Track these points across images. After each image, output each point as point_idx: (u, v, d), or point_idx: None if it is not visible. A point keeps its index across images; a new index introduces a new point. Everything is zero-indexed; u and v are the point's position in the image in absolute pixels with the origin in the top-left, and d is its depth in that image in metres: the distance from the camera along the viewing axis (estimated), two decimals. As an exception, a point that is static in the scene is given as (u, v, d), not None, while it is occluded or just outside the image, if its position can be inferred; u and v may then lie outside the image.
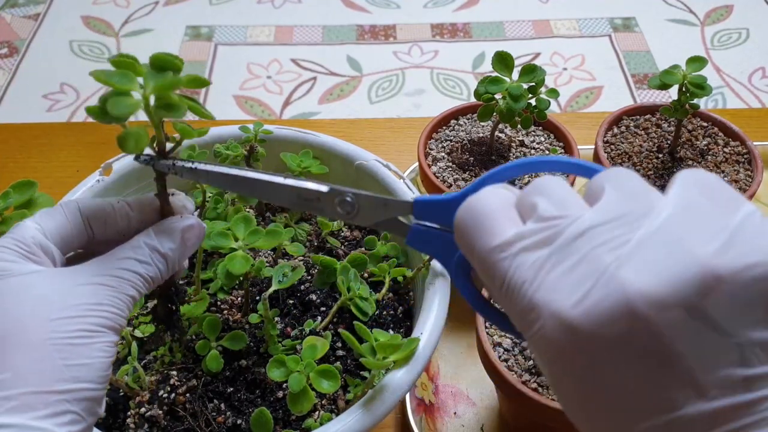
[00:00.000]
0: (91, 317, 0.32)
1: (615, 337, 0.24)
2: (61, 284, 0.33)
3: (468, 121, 0.72)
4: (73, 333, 0.31)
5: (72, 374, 0.31)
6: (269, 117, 1.17)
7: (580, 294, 0.25)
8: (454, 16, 1.40)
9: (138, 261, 0.35)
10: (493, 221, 0.29)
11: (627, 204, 0.26)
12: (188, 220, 0.38)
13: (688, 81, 0.60)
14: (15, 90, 1.22)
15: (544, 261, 0.26)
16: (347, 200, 0.37)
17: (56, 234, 0.36)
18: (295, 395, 0.42)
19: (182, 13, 1.40)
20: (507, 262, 0.27)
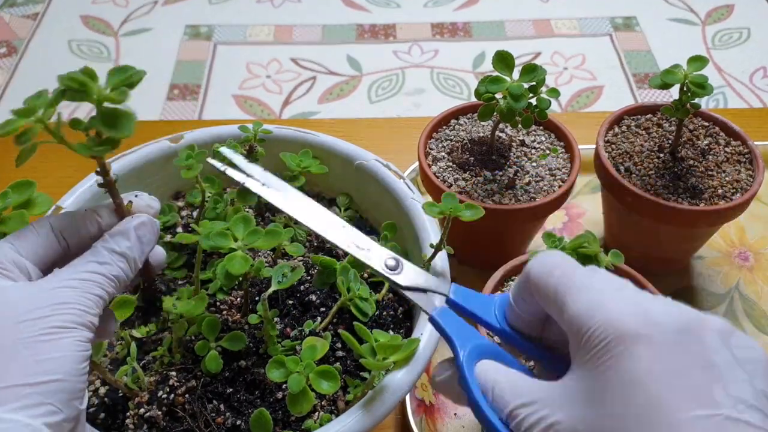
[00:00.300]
0: (57, 315, 0.34)
1: None
2: (29, 292, 0.35)
3: (468, 121, 0.72)
4: (41, 331, 0.33)
5: (43, 368, 0.32)
6: (269, 116, 1.17)
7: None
8: (454, 16, 1.39)
9: (98, 263, 0.37)
10: (582, 267, 0.35)
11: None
12: (139, 218, 0.41)
13: (689, 80, 0.60)
14: (14, 90, 1.22)
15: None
16: (393, 260, 0.42)
17: (30, 251, 0.37)
18: (294, 396, 0.42)
19: (181, 12, 1.40)
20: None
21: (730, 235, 0.78)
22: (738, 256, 0.76)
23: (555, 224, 0.79)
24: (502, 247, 0.71)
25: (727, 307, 0.71)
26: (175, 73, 1.24)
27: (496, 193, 0.64)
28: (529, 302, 0.36)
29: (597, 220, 0.78)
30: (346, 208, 0.62)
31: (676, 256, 0.72)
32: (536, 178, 0.66)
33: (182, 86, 1.22)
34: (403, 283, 0.41)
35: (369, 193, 0.61)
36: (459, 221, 0.50)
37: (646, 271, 0.59)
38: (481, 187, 0.64)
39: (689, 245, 0.71)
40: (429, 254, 0.51)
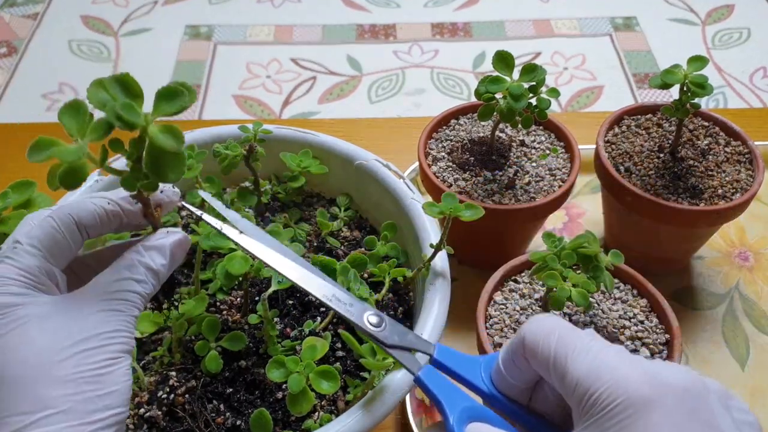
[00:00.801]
0: (110, 345, 0.34)
1: None
2: (76, 314, 0.34)
3: (468, 121, 0.72)
4: (99, 364, 0.33)
5: (104, 403, 0.33)
6: (269, 117, 1.17)
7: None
8: (454, 16, 1.39)
9: (136, 281, 0.36)
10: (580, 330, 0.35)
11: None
12: (175, 235, 0.39)
13: (689, 80, 0.60)
14: (14, 90, 1.22)
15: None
16: (376, 316, 0.41)
17: (59, 255, 0.36)
18: (294, 396, 0.42)
19: (181, 12, 1.40)
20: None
21: (730, 235, 0.78)
22: (738, 256, 0.76)
23: (555, 224, 0.79)
24: (502, 247, 0.71)
25: (727, 307, 0.71)
26: (175, 73, 1.24)
27: (496, 193, 0.64)
28: (521, 368, 0.36)
29: (597, 220, 0.78)
30: (346, 208, 0.62)
31: (676, 256, 0.72)
32: (536, 178, 0.66)
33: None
34: (387, 342, 0.40)
35: (369, 193, 0.61)
36: (459, 221, 0.50)
37: (646, 271, 0.59)
38: (481, 187, 0.64)
39: (689, 245, 0.71)
40: (429, 254, 0.51)
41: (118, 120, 0.31)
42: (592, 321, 0.55)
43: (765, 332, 0.69)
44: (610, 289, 0.52)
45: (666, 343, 0.53)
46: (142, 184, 0.34)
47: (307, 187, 0.64)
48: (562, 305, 0.50)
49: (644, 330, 0.54)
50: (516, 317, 0.55)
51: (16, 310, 0.33)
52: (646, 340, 0.53)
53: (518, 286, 0.58)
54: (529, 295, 0.57)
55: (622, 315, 0.55)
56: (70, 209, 0.37)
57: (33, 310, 0.33)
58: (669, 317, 0.54)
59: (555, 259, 0.51)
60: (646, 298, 0.57)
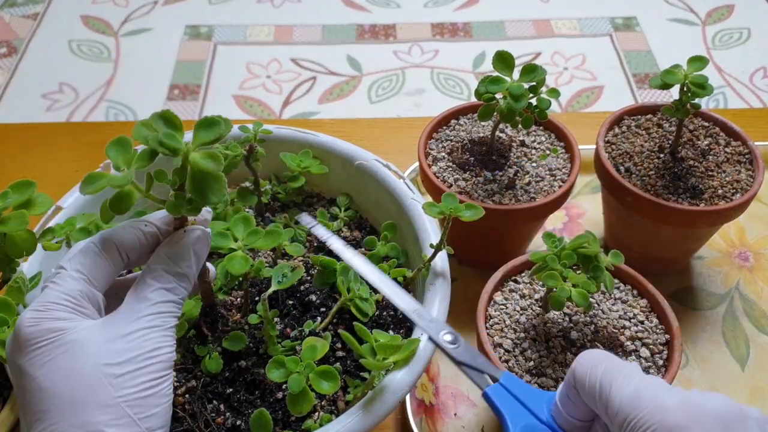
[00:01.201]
0: (151, 365, 0.34)
1: None
2: (116, 337, 0.34)
3: (468, 121, 0.72)
4: (140, 386, 0.34)
5: (146, 426, 0.34)
6: (269, 117, 1.17)
7: None
8: (454, 16, 1.39)
9: (166, 290, 0.36)
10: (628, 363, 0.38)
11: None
12: (194, 232, 0.39)
13: (690, 81, 0.60)
14: (14, 90, 1.22)
15: None
16: (452, 335, 0.45)
17: (101, 280, 0.37)
18: (294, 396, 0.42)
19: (181, 12, 1.40)
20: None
21: (730, 236, 0.78)
22: (738, 257, 0.76)
23: (555, 224, 0.79)
24: (502, 248, 0.71)
25: (727, 307, 0.71)
26: (175, 74, 1.24)
27: (496, 193, 0.64)
28: (575, 401, 0.38)
29: (597, 221, 0.78)
30: (346, 208, 0.62)
31: (676, 256, 0.72)
32: (536, 179, 0.66)
33: (182, 86, 1.22)
34: (459, 359, 0.43)
35: (369, 193, 0.61)
36: (459, 221, 0.50)
37: (646, 271, 0.59)
38: (481, 187, 0.64)
39: (689, 245, 0.71)
40: (429, 254, 0.51)
41: (161, 146, 0.33)
42: (592, 321, 0.55)
43: (765, 332, 0.69)
44: (610, 289, 0.52)
45: (666, 343, 0.53)
46: (186, 209, 0.35)
47: (307, 187, 0.64)
48: (562, 305, 0.50)
49: (644, 330, 0.54)
50: (516, 317, 0.55)
51: (63, 335, 0.34)
52: (646, 340, 0.53)
53: (518, 287, 0.58)
54: (529, 295, 0.57)
55: (622, 315, 0.55)
56: (112, 234, 0.38)
57: (77, 335, 0.34)
58: (669, 317, 0.54)
59: (555, 259, 0.51)
60: (646, 299, 0.57)
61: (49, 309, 0.34)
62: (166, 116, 0.35)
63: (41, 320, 0.34)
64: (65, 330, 0.34)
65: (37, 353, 0.33)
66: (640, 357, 0.53)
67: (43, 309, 0.34)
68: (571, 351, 0.53)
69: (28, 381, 0.33)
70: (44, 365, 0.33)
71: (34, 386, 0.33)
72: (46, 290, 0.36)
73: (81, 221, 0.52)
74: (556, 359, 0.52)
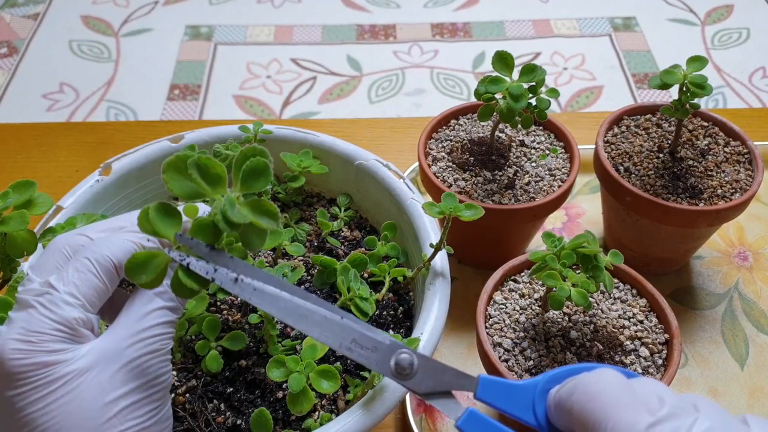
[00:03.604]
0: (154, 393, 0.32)
1: None
2: (116, 364, 0.32)
3: (468, 121, 0.72)
4: (143, 417, 0.32)
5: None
6: (269, 117, 1.17)
7: None
8: (454, 16, 1.39)
9: (169, 309, 0.34)
10: (632, 403, 0.29)
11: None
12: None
13: (689, 81, 0.60)
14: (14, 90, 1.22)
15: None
16: (405, 358, 0.34)
17: (96, 301, 0.33)
18: (294, 395, 0.42)
19: (182, 12, 1.40)
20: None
21: (729, 235, 0.78)
22: (737, 256, 0.76)
23: (555, 224, 0.79)
24: (502, 247, 0.72)
25: (726, 307, 0.71)
26: (175, 74, 1.25)
27: (496, 193, 0.64)
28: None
29: (596, 220, 0.78)
30: (346, 208, 0.62)
31: (675, 256, 0.73)
32: (536, 178, 0.66)
33: (182, 86, 1.22)
34: (420, 391, 0.35)
35: (369, 193, 0.61)
36: (459, 221, 0.50)
37: (645, 271, 0.59)
38: (481, 187, 0.65)
39: (688, 245, 0.71)
40: (429, 254, 0.52)
41: (227, 225, 0.30)
42: (591, 321, 0.55)
43: (764, 332, 0.69)
44: (609, 288, 0.52)
45: (665, 343, 0.54)
46: (233, 253, 0.33)
47: (307, 187, 0.64)
48: (562, 305, 0.50)
49: (643, 330, 0.54)
50: (515, 317, 0.56)
51: (55, 369, 0.31)
52: (646, 339, 0.54)
53: (518, 286, 0.58)
54: (529, 294, 0.57)
55: (622, 315, 0.56)
56: (109, 249, 0.34)
57: (72, 366, 0.31)
58: (668, 317, 0.54)
59: (554, 258, 0.51)
60: (645, 298, 0.57)
61: (41, 341, 0.31)
62: (202, 166, 0.30)
63: (32, 353, 0.31)
64: (59, 363, 0.31)
65: (29, 388, 0.31)
66: (640, 356, 0.53)
67: (35, 340, 0.31)
68: (571, 350, 0.53)
69: (19, 415, 0.31)
70: (39, 401, 0.30)
71: (28, 421, 0.30)
72: (35, 315, 0.31)
73: (81, 221, 0.52)
74: (555, 359, 0.52)
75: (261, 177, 0.32)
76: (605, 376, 0.31)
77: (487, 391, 0.34)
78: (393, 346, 0.35)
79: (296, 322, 0.34)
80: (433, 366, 0.35)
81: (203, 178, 0.30)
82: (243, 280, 0.34)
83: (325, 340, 0.34)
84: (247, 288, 0.34)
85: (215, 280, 0.33)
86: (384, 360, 0.34)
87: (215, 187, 0.31)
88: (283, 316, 0.34)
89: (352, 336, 0.34)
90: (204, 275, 0.33)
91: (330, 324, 0.34)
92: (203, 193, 0.31)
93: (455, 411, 0.34)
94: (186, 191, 0.31)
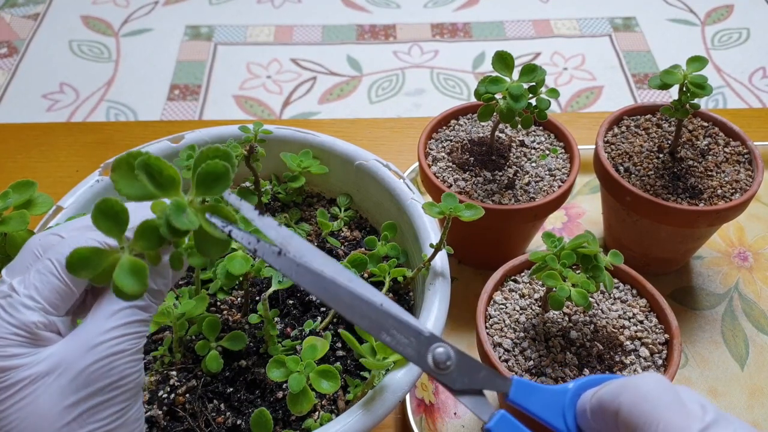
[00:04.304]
0: (118, 395, 0.31)
1: None
2: (76, 366, 0.30)
3: (468, 121, 0.72)
4: (106, 420, 0.30)
5: None
6: (269, 117, 1.17)
7: None
8: (454, 16, 1.39)
9: (138, 308, 0.32)
10: (682, 407, 0.30)
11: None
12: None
13: (689, 81, 0.60)
14: (14, 90, 1.22)
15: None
16: (442, 352, 0.34)
17: (59, 304, 0.32)
18: (294, 395, 0.42)
19: (182, 12, 1.40)
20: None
21: (729, 235, 0.78)
22: (737, 256, 0.76)
23: (555, 224, 0.79)
24: (502, 247, 0.72)
25: (726, 307, 0.71)
26: (175, 74, 1.25)
27: (496, 193, 0.64)
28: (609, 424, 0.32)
29: (596, 220, 0.78)
30: (346, 208, 0.62)
31: (675, 256, 0.73)
32: (536, 179, 0.66)
33: (183, 86, 1.22)
34: (455, 387, 0.34)
35: (369, 193, 0.61)
36: (459, 221, 0.50)
37: (645, 271, 0.59)
38: (481, 187, 0.65)
39: (688, 245, 0.71)
40: (429, 254, 0.52)
41: (170, 232, 0.28)
42: (591, 321, 0.55)
43: (764, 332, 0.69)
44: (609, 288, 0.52)
45: (665, 343, 0.54)
46: (192, 257, 0.32)
47: (307, 187, 0.64)
48: (562, 305, 0.50)
49: (643, 330, 0.54)
50: (516, 317, 0.56)
51: (11, 374, 0.30)
52: (646, 339, 0.54)
53: (518, 286, 0.58)
54: (529, 295, 0.57)
55: (622, 315, 0.56)
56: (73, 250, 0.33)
57: (29, 371, 0.30)
58: (668, 317, 0.54)
59: (554, 259, 0.51)
60: (645, 298, 0.57)
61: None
62: (148, 166, 0.28)
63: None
64: (16, 368, 0.30)
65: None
66: (640, 356, 0.53)
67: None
68: (571, 350, 0.53)
69: None
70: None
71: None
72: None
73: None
74: (555, 359, 0.52)
75: (219, 181, 0.30)
76: (653, 379, 0.31)
77: (519, 393, 0.34)
78: (431, 338, 0.34)
79: (336, 305, 0.33)
80: (468, 362, 0.34)
81: (153, 181, 0.29)
82: (286, 255, 0.32)
83: (365, 326, 0.33)
84: (290, 263, 0.32)
85: (257, 251, 0.32)
86: (421, 352, 0.33)
87: (167, 191, 0.29)
88: (324, 296, 0.33)
89: (391, 324, 0.33)
90: (246, 245, 0.31)
91: (371, 310, 0.33)
92: (154, 195, 0.29)
93: (486, 412, 0.33)
94: (135, 193, 0.29)
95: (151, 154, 0.29)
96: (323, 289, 0.33)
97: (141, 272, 0.29)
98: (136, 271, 0.29)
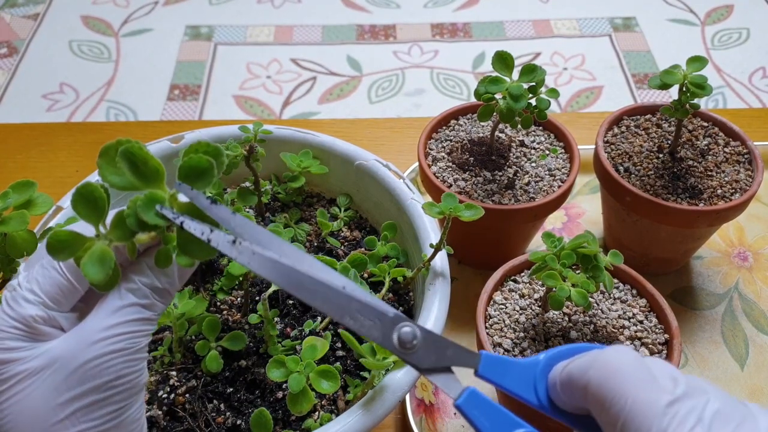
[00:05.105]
0: (114, 395, 0.30)
1: None
2: (72, 364, 0.30)
3: (468, 121, 0.72)
4: (100, 419, 0.30)
5: None
6: (269, 117, 1.17)
7: None
8: (454, 16, 1.39)
9: (142, 306, 0.31)
10: (651, 380, 0.30)
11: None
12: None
13: (689, 81, 0.60)
14: (14, 90, 1.22)
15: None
16: (408, 331, 0.33)
17: (61, 299, 0.32)
18: (294, 396, 0.42)
19: (182, 12, 1.40)
20: (676, 418, 0.28)
21: (729, 235, 0.78)
22: (737, 256, 0.76)
23: (554, 224, 0.79)
24: (502, 247, 0.72)
25: (726, 307, 0.71)
26: (175, 74, 1.25)
27: (496, 193, 0.64)
28: (579, 401, 0.32)
29: (596, 220, 0.78)
30: (346, 208, 0.62)
31: (675, 256, 0.73)
32: (536, 179, 0.66)
33: (182, 86, 1.22)
34: (422, 366, 0.33)
35: (369, 193, 0.61)
36: (459, 221, 0.50)
37: (645, 271, 0.59)
38: (481, 188, 0.65)
39: (688, 245, 0.71)
40: (429, 254, 0.52)
41: (138, 225, 0.28)
42: (591, 321, 0.55)
43: (764, 332, 0.69)
44: (609, 288, 0.52)
45: (665, 343, 0.54)
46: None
47: (307, 187, 0.64)
48: (562, 305, 0.50)
49: (643, 330, 0.54)
50: (515, 317, 0.56)
51: (8, 367, 0.30)
52: (646, 339, 0.54)
53: (518, 286, 0.58)
54: (529, 295, 0.57)
55: (622, 315, 0.56)
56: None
57: (25, 365, 0.30)
58: (668, 317, 0.54)
59: (554, 259, 0.51)
60: (645, 298, 0.57)
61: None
62: (131, 156, 0.28)
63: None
64: (14, 361, 0.30)
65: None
66: (640, 356, 0.53)
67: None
68: (571, 350, 0.53)
69: None
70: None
71: None
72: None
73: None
74: (555, 359, 0.52)
75: (202, 176, 0.29)
76: (622, 354, 0.31)
77: (488, 368, 0.34)
78: (396, 318, 0.33)
79: (296, 291, 0.32)
80: (435, 340, 0.34)
81: (136, 171, 0.28)
82: (241, 243, 0.31)
83: (327, 311, 0.32)
84: (245, 251, 0.31)
85: (211, 242, 0.31)
86: (386, 333, 0.33)
87: (149, 183, 0.29)
88: (283, 283, 0.32)
89: (355, 306, 0.32)
90: (199, 236, 0.30)
91: (332, 293, 0.32)
92: (136, 186, 0.28)
93: (455, 389, 0.33)
94: (119, 183, 0.29)
95: (135, 143, 0.28)
96: (282, 275, 0.32)
97: (107, 261, 0.29)
98: (102, 259, 0.29)
